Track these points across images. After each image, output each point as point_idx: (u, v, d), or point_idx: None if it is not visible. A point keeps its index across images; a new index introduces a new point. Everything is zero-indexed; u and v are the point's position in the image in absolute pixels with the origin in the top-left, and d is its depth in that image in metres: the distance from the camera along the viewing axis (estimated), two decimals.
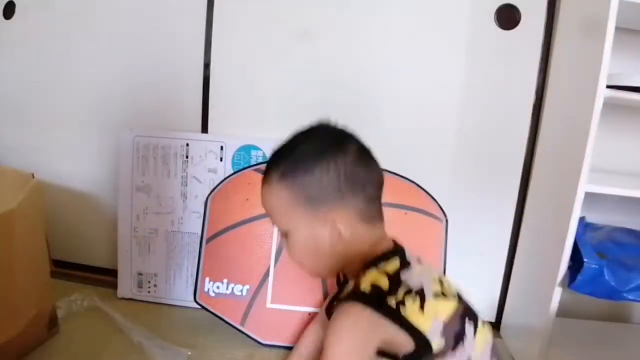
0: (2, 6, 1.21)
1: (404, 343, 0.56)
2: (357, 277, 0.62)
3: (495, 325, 1.16)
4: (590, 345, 1.06)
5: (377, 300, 0.57)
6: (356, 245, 0.64)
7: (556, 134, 1.03)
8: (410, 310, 0.57)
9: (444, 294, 0.61)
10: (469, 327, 0.60)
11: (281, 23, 1.13)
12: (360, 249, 0.64)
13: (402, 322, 0.56)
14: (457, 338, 0.58)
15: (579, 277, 0.87)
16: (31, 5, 1.20)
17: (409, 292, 0.58)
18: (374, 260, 0.62)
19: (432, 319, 0.57)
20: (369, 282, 0.59)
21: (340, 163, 0.63)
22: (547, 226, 1.00)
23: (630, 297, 0.87)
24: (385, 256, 0.63)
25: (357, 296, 0.58)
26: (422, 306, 0.57)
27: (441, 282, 0.63)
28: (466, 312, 0.61)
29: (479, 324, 0.62)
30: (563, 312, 1.05)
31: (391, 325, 0.55)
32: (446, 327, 0.58)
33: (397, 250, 0.65)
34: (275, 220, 0.68)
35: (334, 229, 0.63)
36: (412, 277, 0.60)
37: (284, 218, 0.66)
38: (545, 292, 0.93)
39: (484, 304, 1.17)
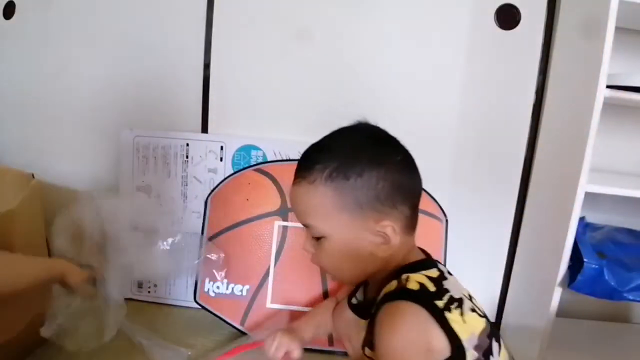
0: (2, 6, 1.21)
1: (442, 350, 0.55)
2: (388, 280, 0.61)
3: (496, 325, 1.16)
4: (590, 345, 1.06)
5: (427, 300, 0.56)
6: (395, 253, 0.62)
7: (556, 134, 1.03)
8: (454, 317, 0.56)
9: (476, 310, 0.61)
10: (495, 346, 0.59)
11: (281, 23, 1.13)
12: (397, 258, 0.63)
13: (446, 327, 0.55)
14: (486, 355, 0.57)
15: (579, 277, 0.87)
16: (31, 5, 1.20)
17: (451, 299, 0.57)
18: (411, 267, 0.61)
19: (470, 331, 0.57)
20: (416, 282, 0.58)
21: (394, 169, 0.61)
22: (547, 226, 1.00)
23: (630, 297, 0.87)
24: (422, 264, 0.62)
25: (409, 294, 0.56)
26: (462, 315, 0.57)
27: (471, 298, 0.63)
28: (493, 332, 0.61)
29: (502, 344, 0.62)
30: (563, 312, 1.05)
31: (437, 328, 0.55)
32: (479, 341, 0.57)
33: (432, 260, 0.65)
34: (310, 221, 0.63)
35: (379, 236, 0.60)
36: (452, 287, 0.60)
37: (324, 221, 0.61)
38: (545, 292, 0.93)
39: (484, 304, 1.16)
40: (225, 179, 1.06)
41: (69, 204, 0.88)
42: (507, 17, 1.08)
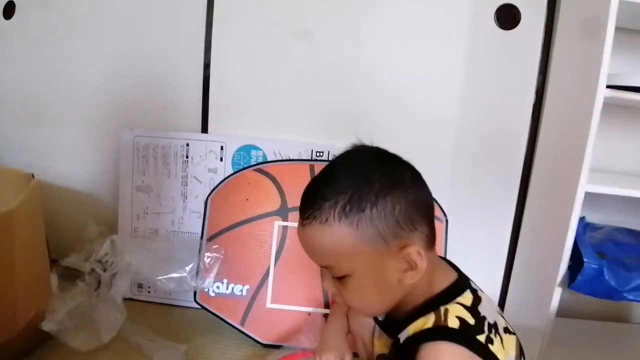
0: (2, 6, 1.21)
1: None
2: (421, 308, 0.58)
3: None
4: (590, 345, 1.06)
5: (469, 338, 0.54)
6: (424, 274, 0.58)
7: (556, 134, 1.03)
8: (496, 347, 0.54)
9: (508, 328, 0.59)
10: None
11: (281, 23, 1.13)
12: (425, 277, 0.59)
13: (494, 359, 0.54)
14: None
15: (579, 277, 0.87)
16: (31, 5, 1.20)
17: (489, 327, 0.55)
18: (446, 295, 0.58)
19: (507, 354, 0.56)
20: (454, 317, 0.55)
21: (407, 189, 0.57)
22: (547, 226, 1.00)
23: (630, 297, 0.87)
24: (456, 289, 0.60)
25: (449, 334, 0.54)
26: (501, 342, 0.55)
27: (502, 314, 0.61)
28: (521, 347, 0.60)
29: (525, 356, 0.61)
30: (563, 312, 1.05)
31: None
32: None
33: (464, 280, 0.62)
34: (329, 263, 0.58)
35: (404, 263, 0.57)
36: (486, 310, 0.57)
37: (347, 260, 0.56)
38: (545, 292, 0.93)
39: None
40: (225, 179, 1.06)
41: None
42: (507, 17, 1.08)
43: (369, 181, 0.56)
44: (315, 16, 1.12)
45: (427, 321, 0.56)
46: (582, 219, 0.95)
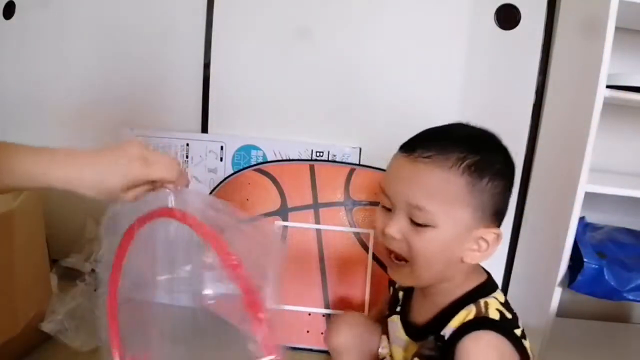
0: (2, 6, 1.21)
1: None
2: (458, 304, 0.59)
3: None
4: (590, 345, 1.06)
5: (509, 330, 0.56)
6: (465, 268, 0.61)
7: (556, 134, 1.03)
8: (528, 342, 0.57)
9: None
10: None
11: (281, 23, 1.13)
12: (465, 270, 0.61)
13: (526, 355, 0.56)
14: None
15: (579, 277, 0.87)
16: (31, 5, 1.20)
17: (521, 325, 0.58)
18: (482, 290, 0.61)
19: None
20: (494, 309, 0.57)
21: (511, 186, 0.60)
22: (547, 226, 1.00)
23: (630, 297, 0.87)
24: (490, 285, 0.62)
25: (492, 325, 0.56)
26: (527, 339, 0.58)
27: None
28: None
29: None
30: (563, 312, 1.05)
31: (517, 357, 0.55)
32: None
33: (493, 279, 0.64)
34: (427, 205, 0.56)
35: (477, 244, 0.58)
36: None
37: (444, 210, 0.56)
38: (545, 292, 0.93)
39: None
40: (225, 179, 1.06)
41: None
42: (507, 17, 1.08)
43: (494, 157, 0.58)
44: (315, 16, 1.12)
45: (468, 313, 0.57)
46: (582, 219, 0.95)
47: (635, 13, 0.87)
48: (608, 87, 0.83)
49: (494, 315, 0.57)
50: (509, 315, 0.57)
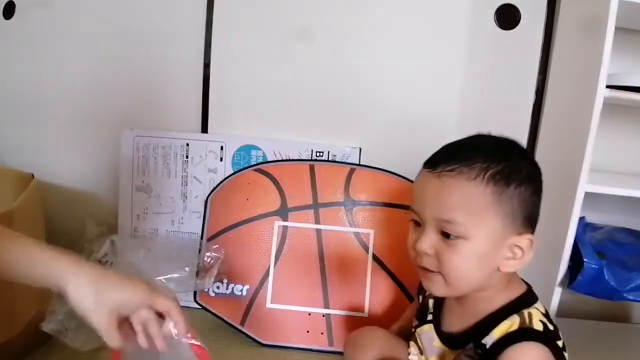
0: (2, 6, 1.21)
1: None
2: (499, 315, 0.59)
3: None
4: (590, 345, 1.05)
5: (553, 343, 0.56)
6: (509, 273, 0.61)
7: (556, 134, 1.03)
8: (567, 354, 0.57)
9: None
10: None
11: (281, 23, 1.13)
12: (505, 280, 0.61)
13: None
14: None
15: (579, 277, 0.87)
16: (31, 5, 1.20)
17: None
18: (524, 300, 0.61)
19: None
20: (538, 320, 0.58)
21: (539, 190, 0.61)
22: (547, 226, 1.00)
23: (630, 297, 0.87)
24: (533, 296, 0.62)
25: (536, 336, 0.56)
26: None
27: None
28: None
29: None
30: (563, 312, 1.05)
31: None
32: None
33: (532, 290, 0.64)
34: (457, 217, 0.57)
35: (512, 251, 0.58)
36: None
37: (474, 221, 0.57)
38: (545, 292, 0.93)
39: None
40: (225, 179, 1.06)
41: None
42: (507, 17, 1.08)
43: (518, 163, 0.59)
44: (315, 16, 1.12)
45: (512, 324, 0.57)
46: (582, 219, 0.95)
47: (635, 13, 0.87)
48: (608, 87, 0.83)
49: (538, 326, 0.57)
50: (551, 327, 0.58)
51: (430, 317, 0.69)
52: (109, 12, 1.17)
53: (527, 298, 0.61)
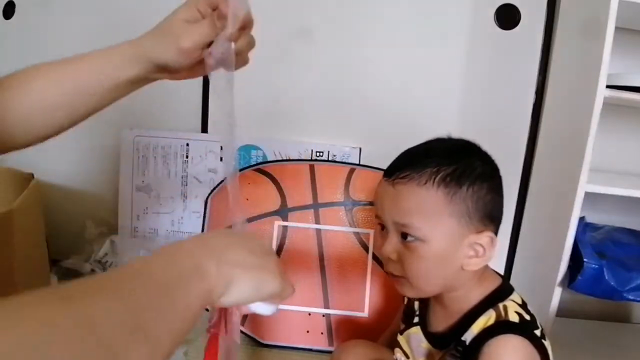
0: (2, 6, 1.21)
1: None
2: (477, 311, 0.60)
3: None
4: (590, 345, 1.06)
5: (530, 332, 0.56)
6: (479, 269, 0.61)
7: (556, 134, 1.03)
8: (548, 342, 0.57)
9: None
10: None
11: (281, 23, 1.13)
12: (477, 275, 0.62)
13: (546, 355, 0.56)
14: None
15: (579, 277, 0.87)
16: (31, 5, 1.20)
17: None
18: (499, 294, 0.61)
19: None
20: (513, 312, 0.58)
21: (498, 186, 0.62)
22: (547, 226, 1.00)
23: (630, 297, 0.87)
24: (508, 288, 0.62)
25: (513, 328, 0.57)
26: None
27: None
28: None
29: None
30: (563, 312, 1.05)
31: (538, 358, 0.56)
32: None
33: (508, 281, 0.64)
34: (413, 222, 0.58)
35: (472, 250, 0.59)
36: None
37: (429, 224, 0.58)
38: (545, 292, 0.93)
39: None
40: (225, 178, 1.06)
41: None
42: (507, 17, 1.08)
43: (471, 164, 0.60)
44: (315, 16, 1.12)
45: (488, 318, 0.58)
46: (582, 219, 0.95)
47: (635, 13, 0.87)
48: (608, 87, 0.83)
49: (514, 318, 0.57)
50: (527, 317, 0.58)
51: (417, 319, 0.69)
52: (109, 12, 1.17)
53: (502, 291, 0.62)
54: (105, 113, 1.25)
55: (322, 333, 0.95)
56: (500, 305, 0.59)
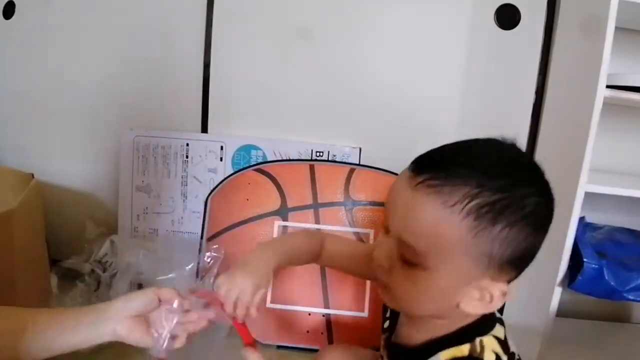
0: (2, 6, 1.21)
1: None
2: (453, 338, 0.52)
3: None
4: (590, 345, 1.06)
5: None
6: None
7: (556, 134, 1.03)
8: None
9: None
10: None
11: (281, 23, 1.13)
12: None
13: None
14: None
15: (579, 277, 0.87)
16: (31, 5, 1.20)
17: None
18: (481, 326, 0.53)
19: None
20: (490, 350, 0.51)
21: (543, 236, 0.50)
22: None
23: (630, 297, 0.87)
24: (492, 320, 0.54)
25: None
26: None
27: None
28: None
29: None
30: (563, 312, 1.05)
31: None
32: None
33: (493, 313, 0.55)
34: (419, 245, 0.48)
35: (480, 294, 0.49)
36: (511, 340, 0.54)
37: (438, 255, 0.47)
38: (545, 292, 0.93)
39: None
40: (225, 179, 1.06)
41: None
42: (507, 17, 1.08)
43: (522, 198, 0.47)
44: (315, 16, 1.12)
45: (461, 351, 0.51)
46: (582, 219, 0.95)
47: (635, 13, 0.87)
48: (608, 87, 0.83)
49: (489, 357, 0.50)
50: (504, 358, 0.51)
51: (387, 323, 0.64)
52: (109, 12, 1.17)
53: (486, 323, 0.53)
54: (105, 113, 1.26)
55: (322, 333, 0.95)
56: (478, 340, 0.51)
